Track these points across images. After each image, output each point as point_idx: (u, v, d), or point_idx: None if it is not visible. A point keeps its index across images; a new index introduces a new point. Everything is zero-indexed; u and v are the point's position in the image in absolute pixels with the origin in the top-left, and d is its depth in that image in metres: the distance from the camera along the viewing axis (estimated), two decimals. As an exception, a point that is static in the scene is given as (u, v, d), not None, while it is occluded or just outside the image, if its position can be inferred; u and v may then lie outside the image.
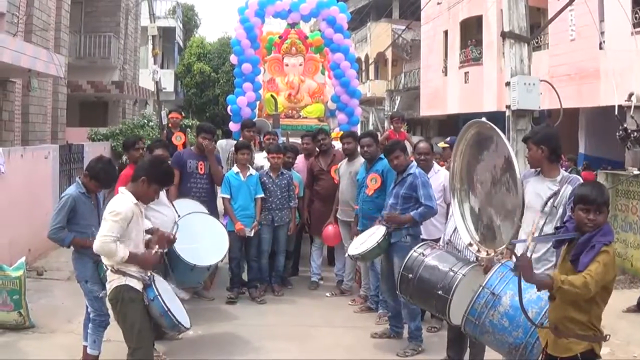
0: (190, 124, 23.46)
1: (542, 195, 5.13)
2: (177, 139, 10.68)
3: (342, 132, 10.36)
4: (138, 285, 5.00)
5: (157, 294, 5.05)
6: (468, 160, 4.94)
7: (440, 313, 5.51)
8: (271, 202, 8.72)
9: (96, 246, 4.93)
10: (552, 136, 5.29)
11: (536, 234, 4.51)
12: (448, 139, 9.50)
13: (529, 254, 3.79)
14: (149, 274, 5.12)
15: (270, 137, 10.05)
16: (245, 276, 8.87)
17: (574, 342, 3.83)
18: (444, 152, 9.37)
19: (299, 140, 10.74)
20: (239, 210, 8.46)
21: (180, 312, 5.38)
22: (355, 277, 8.96)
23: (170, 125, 11.39)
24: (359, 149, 8.22)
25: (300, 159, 9.85)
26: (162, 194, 6.84)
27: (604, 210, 3.87)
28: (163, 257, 5.79)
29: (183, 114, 13.65)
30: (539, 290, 4.04)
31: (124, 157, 8.34)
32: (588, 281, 3.65)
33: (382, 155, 7.70)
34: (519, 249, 4.19)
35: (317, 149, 9.64)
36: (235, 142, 12.02)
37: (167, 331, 6.02)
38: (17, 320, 7.09)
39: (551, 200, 5.00)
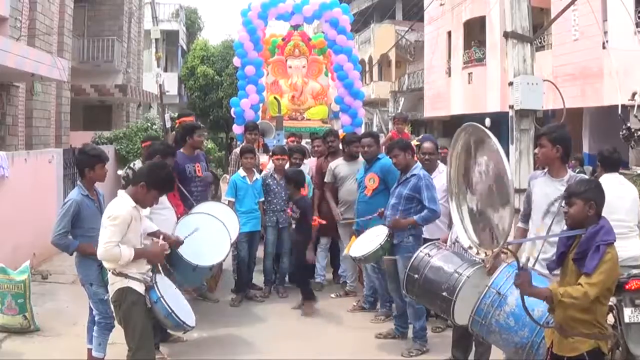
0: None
1: (551, 196, 5.13)
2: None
3: (345, 134, 10.28)
4: (140, 288, 5.03)
5: (159, 295, 5.07)
6: (464, 163, 4.93)
7: (445, 314, 5.51)
8: (276, 203, 8.72)
9: (100, 254, 4.97)
10: (568, 137, 5.30)
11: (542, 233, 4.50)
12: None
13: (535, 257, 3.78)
14: (150, 275, 5.13)
15: (294, 139, 10.05)
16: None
17: (580, 341, 3.82)
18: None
19: (303, 142, 10.74)
20: (246, 214, 8.44)
21: (184, 311, 5.37)
22: (358, 278, 8.94)
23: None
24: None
25: (312, 162, 9.75)
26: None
27: (575, 202, 3.87)
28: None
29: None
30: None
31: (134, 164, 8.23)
32: (587, 291, 3.66)
33: (379, 156, 7.70)
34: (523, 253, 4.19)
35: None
36: None
37: (172, 330, 6.06)
38: (22, 324, 7.10)
39: (558, 201, 4.99)
